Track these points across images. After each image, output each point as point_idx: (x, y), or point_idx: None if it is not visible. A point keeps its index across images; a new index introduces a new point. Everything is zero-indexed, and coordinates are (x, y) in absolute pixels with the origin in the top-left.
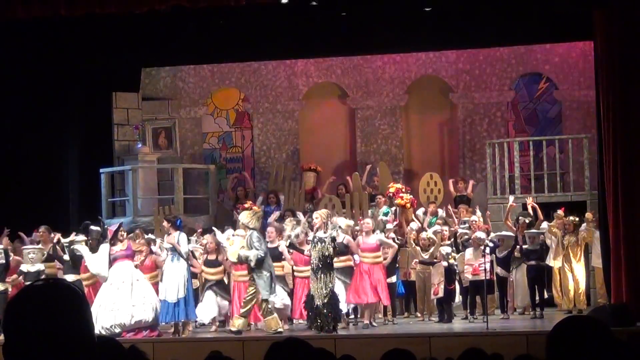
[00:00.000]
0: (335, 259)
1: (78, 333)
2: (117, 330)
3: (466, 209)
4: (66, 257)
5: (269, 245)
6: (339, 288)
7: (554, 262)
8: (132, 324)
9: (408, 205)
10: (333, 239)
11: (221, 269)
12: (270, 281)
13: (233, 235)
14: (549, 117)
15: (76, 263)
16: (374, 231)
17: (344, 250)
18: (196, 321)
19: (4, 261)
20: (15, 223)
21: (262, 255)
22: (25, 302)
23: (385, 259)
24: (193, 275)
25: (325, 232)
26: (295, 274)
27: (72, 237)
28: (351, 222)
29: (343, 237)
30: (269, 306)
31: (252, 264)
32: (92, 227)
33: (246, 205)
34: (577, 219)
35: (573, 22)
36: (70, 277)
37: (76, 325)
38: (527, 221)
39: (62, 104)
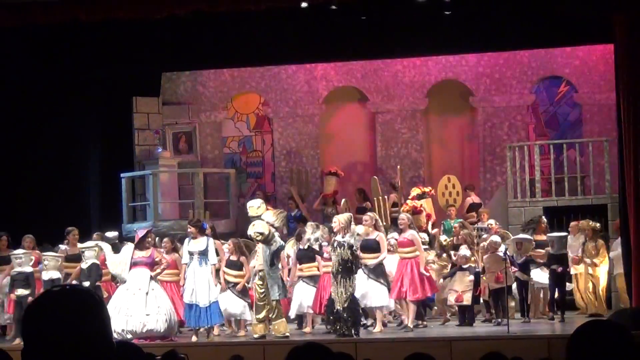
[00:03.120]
0: (365, 255)
1: (96, 338)
2: (129, 336)
3: (487, 212)
4: (83, 264)
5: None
6: (369, 286)
7: (575, 266)
8: (144, 333)
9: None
10: (350, 246)
11: (242, 273)
12: (281, 282)
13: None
14: (569, 120)
15: (92, 272)
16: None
17: (375, 247)
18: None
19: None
20: (36, 228)
21: (283, 245)
22: (44, 307)
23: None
24: None
25: (343, 237)
26: (323, 269)
27: (86, 244)
28: (369, 229)
29: (376, 234)
30: (279, 309)
31: (275, 246)
32: (107, 234)
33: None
34: (597, 224)
35: (593, 26)
36: (87, 284)
37: (94, 330)
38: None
39: (82, 109)
